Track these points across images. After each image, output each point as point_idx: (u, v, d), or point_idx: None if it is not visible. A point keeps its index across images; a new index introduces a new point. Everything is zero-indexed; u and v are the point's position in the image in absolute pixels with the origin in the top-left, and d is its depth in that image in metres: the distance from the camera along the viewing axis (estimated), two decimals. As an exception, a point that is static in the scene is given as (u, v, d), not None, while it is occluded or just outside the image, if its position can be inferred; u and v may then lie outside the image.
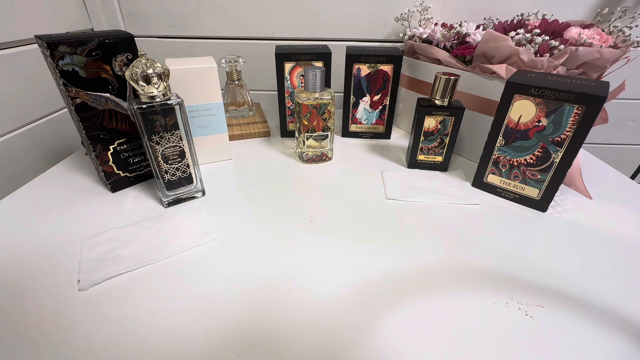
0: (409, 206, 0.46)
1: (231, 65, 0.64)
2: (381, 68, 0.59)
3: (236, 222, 0.43)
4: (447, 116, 0.50)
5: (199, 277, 0.35)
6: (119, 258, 0.36)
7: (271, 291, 0.33)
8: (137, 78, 0.37)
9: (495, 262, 0.37)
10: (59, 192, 0.48)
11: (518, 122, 0.43)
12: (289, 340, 0.29)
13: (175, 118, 0.41)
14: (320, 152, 0.56)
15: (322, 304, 0.32)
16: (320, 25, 0.73)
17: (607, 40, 0.46)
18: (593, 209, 0.46)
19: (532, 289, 0.34)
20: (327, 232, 0.41)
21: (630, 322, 0.31)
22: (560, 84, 0.40)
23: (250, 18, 0.73)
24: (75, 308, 0.31)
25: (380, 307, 0.32)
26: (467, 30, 0.55)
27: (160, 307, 0.32)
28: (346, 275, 0.35)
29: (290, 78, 0.61)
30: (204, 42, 0.76)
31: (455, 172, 0.55)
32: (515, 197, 0.47)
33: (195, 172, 0.46)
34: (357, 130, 0.66)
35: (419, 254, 0.38)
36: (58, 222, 0.42)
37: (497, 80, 0.49)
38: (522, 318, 0.31)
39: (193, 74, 0.48)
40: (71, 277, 0.34)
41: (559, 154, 0.41)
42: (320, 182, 0.52)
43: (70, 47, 0.38)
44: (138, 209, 0.45)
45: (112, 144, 0.46)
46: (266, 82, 0.81)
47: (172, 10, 0.72)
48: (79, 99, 0.41)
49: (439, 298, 0.33)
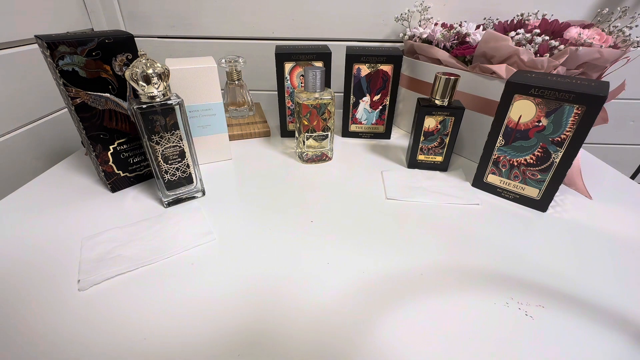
0: (409, 206, 0.46)
1: (231, 65, 0.64)
2: (381, 68, 0.59)
3: (236, 222, 0.43)
4: (447, 116, 0.50)
5: (199, 277, 0.35)
6: (119, 258, 0.36)
7: (271, 291, 0.33)
8: (137, 78, 0.37)
9: (495, 262, 0.37)
10: (59, 192, 0.48)
11: (518, 122, 0.43)
12: (289, 340, 0.29)
13: (175, 118, 0.41)
14: (320, 152, 0.56)
15: (322, 304, 0.32)
16: (320, 25, 0.73)
17: (607, 40, 0.46)
18: (593, 209, 0.46)
19: (532, 289, 0.34)
20: (327, 232, 0.41)
21: (630, 322, 0.31)
22: (560, 84, 0.40)
23: (250, 18, 0.73)
24: (75, 308, 0.31)
25: (380, 307, 0.32)
26: (467, 30, 0.55)
27: (160, 307, 0.32)
28: (346, 275, 0.35)
29: (290, 78, 0.61)
30: (204, 42, 0.76)
31: (455, 172, 0.55)
32: (515, 197, 0.47)
33: (195, 172, 0.46)
34: (357, 130, 0.66)
35: (419, 254, 0.38)
36: (58, 222, 0.42)
37: (497, 80, 0.49)
38: (522, 318, 0.31)
39: (193, 74, 0.48)
40: (71, 277, 0.34)
41: (559, 154, 0.41)
42: (320, 182, 0.52)
43: (70, 47, 0.38)
44: (138, 209, 0.45)
45: (112, 144, 0.46)
46: (266, 82, 0.81)
47: (172, 10, 0.72)
48: (79, 99, 0.41)
49: (439, 298, 0.33)
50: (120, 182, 0.48)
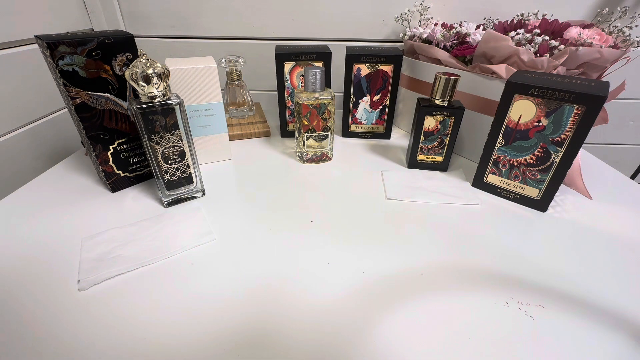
0: (409, 206, 0.46)
1: (231, 65, 0.64)
2: (381, 68, 0.59)
3: (236, 222, 0.43)
4: (447, 116, 0.50)
5: (199, 277, 0.35)
6: (119, 258, 0.36)
7: (271, 291, 0.33)
8: (137, 78, 0.37)
9: (495, 262, 0.37)
10: (59, 192, 0.48)
11: (518, 122, 0.43)
12: (289, 339, 0.29)
13: (175, 118, 0.41)
14: (320, 152, 0.56)
15: (322, 303, 0.32)
16: (320, 25, 0.73)
17: (607, 40, 0.46)
18: (593, 209, 0.46)
19: (532, 289, 0.34)
20: (327, 232, 0.41)
21: (630, 322, 0.31)
22: (560, 84, 0.40)
23: (250, 18, 0.73)
24: (75, 308, 0.31)
25: (380, 307, 0.32)
26: (467, 30, 0.55)
27: (160, 307, 0.32)
28: (346, 275, 0.35)
29: (290, 78, 0.61)
30: (204, 42, 0.76)
31: (455, 172, 0.55)
32: (515, 197, 0.47)
33: (195, 172, 0.46)
34: (357, 130, 0.66)
35: (419, 253, 0.38)
36: (58, 222, 0.42)
37: (497, 80, 0.49)
38: (522, 318, 0.31)
39: (193, 74, 0.48)
40: (71, 277, 0.34)
41: (559, 154, 0.41)
42: (320, 182, 0.52)
43: (70, 47, 0.38)
44: (138, 209, 0.45)
45: (112, 144, 0.46)
46: (266, 82, 0.81)
47: (172, 10, 0.72)
48: (79, 99, 0.41)
49: (439, 298, 0.33)
50: (120, 182, 0.48)
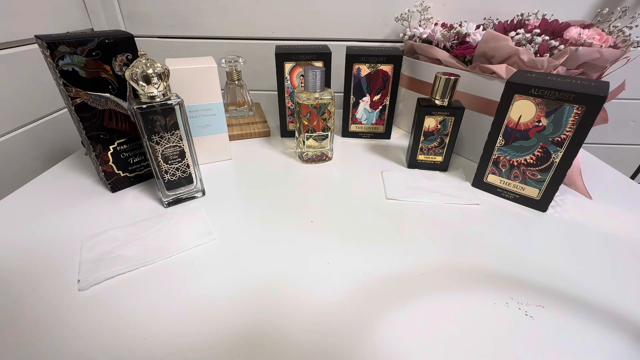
0: (409, 206, 0.46)
1: (231, 65, 0.64)
2: (381, 68, 0.59)
3: (236, 222, 0.43)
4: (447, 116, 0.50)
5: (199, 277, 0.35)
6: (119, 258, 0.36)
7: (271, 291, 0.33)
8: (137, 78, 0.37)
9: (495, 262, 0.37)
10: (59, 192, 0.48)
11: (518, 122, 0.43)
12: (289, 339, 0.29)
13: (175, 118, 0.41)
14: (320, 152, 0.56)
15: (322, 303, 0.32)
16: (320, 25, 0.73)
17: (607, 40, 0.46)
18: (593, 209, 0.46)
19: (532, 289, 0.34)
20: (327, 232, 0.41)
21: (630, 322, 0.31)
22: (560, 84, 0.40)
23: (250, 18, 0.73)
24: (75, 308, 0.31)
25: (380, 307, 0.32)
26: (467, 30, 0.55)
27: (160, 307, 0.32)
28: (346, 275, 0.35)
29: (290, 78, 0.61)
30: (204, 42, 0.76)
31: (455, 172, 0.55)
32: (515, 197, 0.47)
33: (195, 172, 0.46)
34: (357, 130, 0.66)
35: (419, 254, 0.38)
36: (58, 222, 0.42)
37: (497, 80, 0.49)
38: (522, 318, 0.31)
39: (193, 74, 0.48)
40: (71, 277, 0.34)
41: (559, 154, 0.41)
42: (320, 182, 0.52)
43: (70, 47, 0.38)
44: (138, 209, 0.45)
45: (112, 144, 0.46)
46: (266, 82, 0.81)
47: (172, 10, 0.72)
48: (79, 99, 0.41)
49: (439, 298, 0.33)
50: (120, 182, 0.48)
